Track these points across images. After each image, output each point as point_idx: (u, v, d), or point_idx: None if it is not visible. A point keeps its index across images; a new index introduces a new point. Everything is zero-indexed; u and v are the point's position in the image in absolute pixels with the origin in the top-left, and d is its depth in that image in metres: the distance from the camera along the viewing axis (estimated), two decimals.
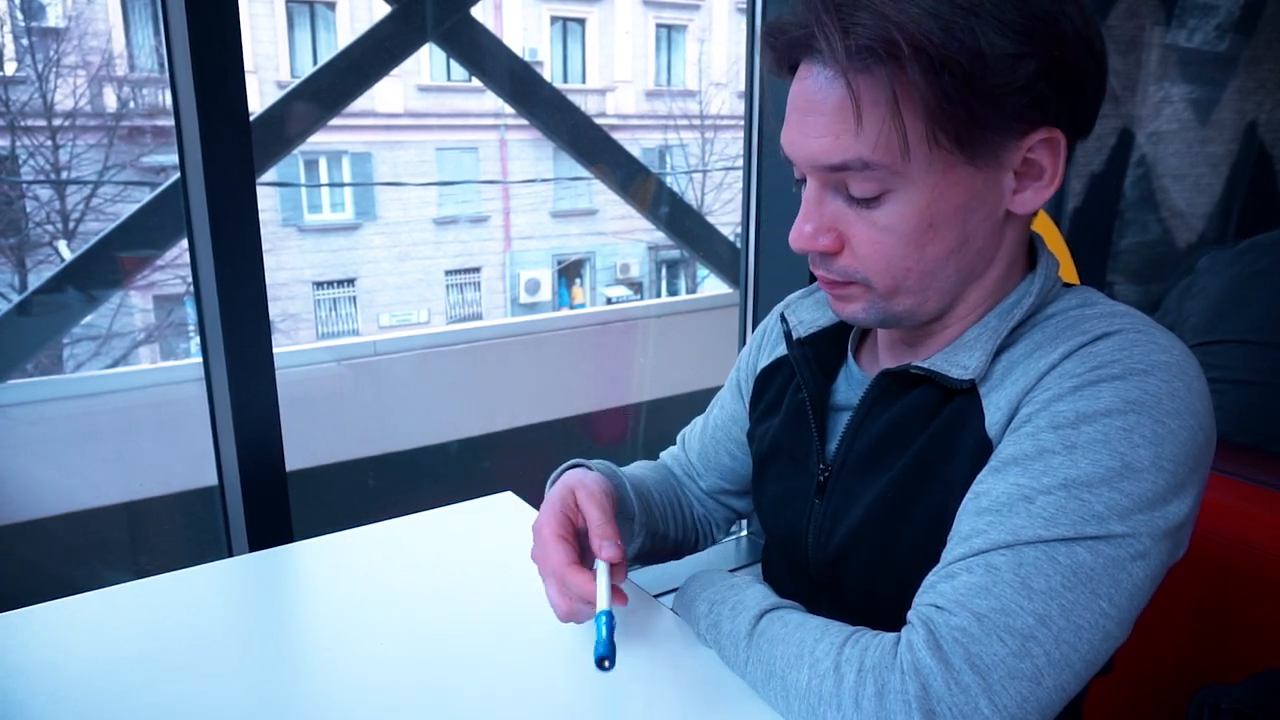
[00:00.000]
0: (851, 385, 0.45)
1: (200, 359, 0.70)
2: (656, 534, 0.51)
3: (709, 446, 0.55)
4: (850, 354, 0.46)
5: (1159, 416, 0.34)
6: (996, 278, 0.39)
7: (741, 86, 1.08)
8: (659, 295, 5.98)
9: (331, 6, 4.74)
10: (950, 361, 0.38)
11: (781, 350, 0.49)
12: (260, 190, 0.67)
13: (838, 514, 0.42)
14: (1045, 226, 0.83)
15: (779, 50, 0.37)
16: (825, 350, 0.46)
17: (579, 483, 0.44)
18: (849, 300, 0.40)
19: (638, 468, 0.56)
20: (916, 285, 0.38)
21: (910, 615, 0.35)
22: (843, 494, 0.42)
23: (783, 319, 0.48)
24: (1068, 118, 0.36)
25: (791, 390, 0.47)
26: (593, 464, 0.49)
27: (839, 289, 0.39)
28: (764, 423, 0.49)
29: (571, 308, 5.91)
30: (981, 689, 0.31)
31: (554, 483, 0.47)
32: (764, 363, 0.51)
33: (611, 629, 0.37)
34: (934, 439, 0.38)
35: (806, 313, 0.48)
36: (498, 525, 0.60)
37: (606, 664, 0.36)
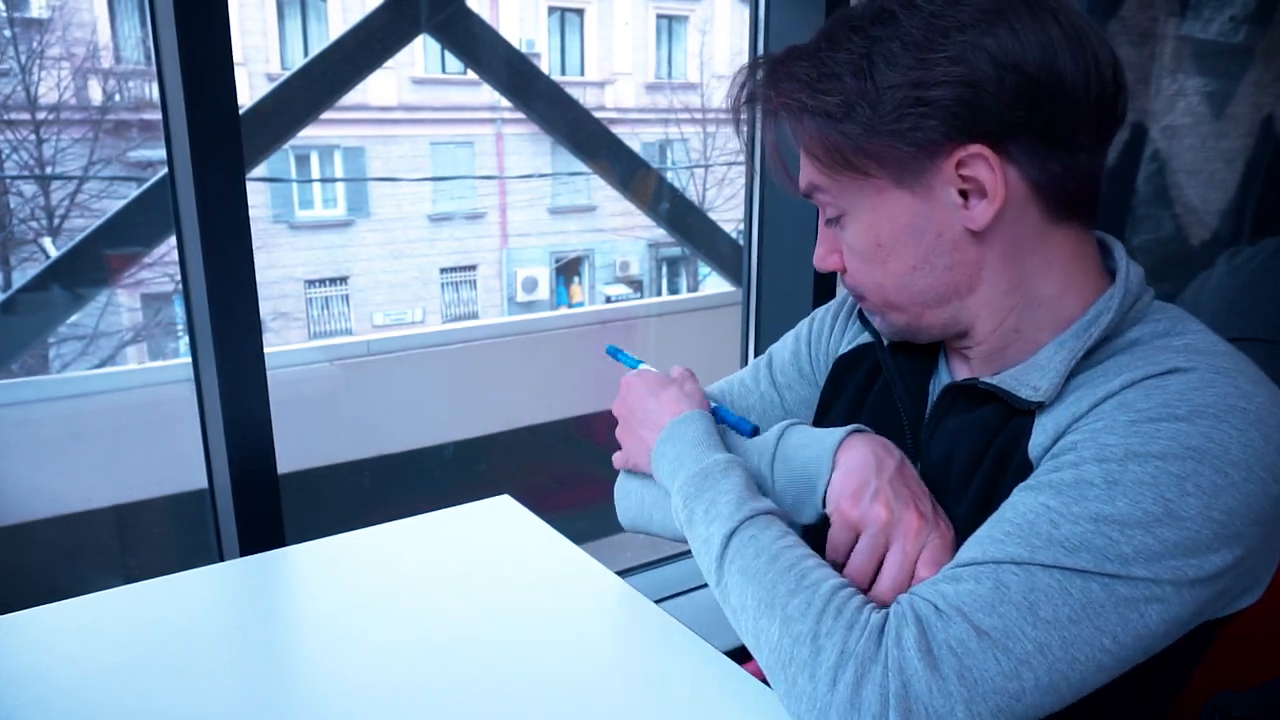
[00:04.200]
0: (939, 390, 0.44)
1: (189, 359, 0.69)
2: None
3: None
4: (943, 358, 0.45)
5: (1221, 467, 0.32)
6: (1005, 291, 0.39)
7: None
8: (659, 294, 5.97)
9: None
10: (1021, 380, 0.38)
11: (861, 340, 0.49)
12: (250, 186, 0.66)
13: None
14: None
15: None
16: (917, 352, 0.45)
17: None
18: (871, 313, 0.44)
19: None
20: (898, 301, 0.40)
21: (904, 602, 0.34)
22: None
23: (864, 319, 0.47)
24: (993, 135, 0.36)
25: (878, 390, 0.46)
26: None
27: (860, 303, 0.44)
28: (842, 416, 0.48)
29: (570, 306, 5.89)
30: (963, 698, 0.32)
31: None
32: (845, 348, 0.50)
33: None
34: (992, 465, 0.38)
35: None
36: (494, 529, 0.59)
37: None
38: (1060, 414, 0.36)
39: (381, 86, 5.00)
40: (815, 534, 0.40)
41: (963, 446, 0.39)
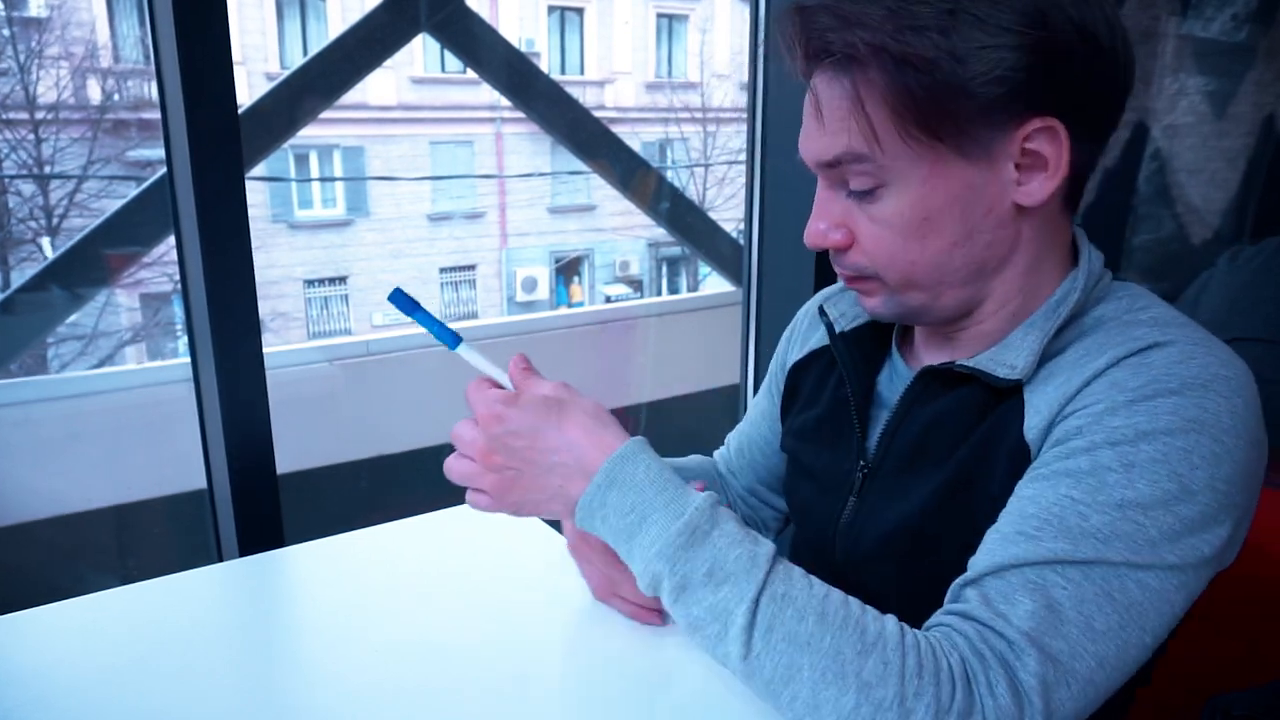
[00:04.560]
0: (895, 381, 0.44)
1: (188, 359, 0.69)
2: None
3: (744, 444, 0.55)
4: (895, 348, 0.45)
5: (1218, 435, 0.33)
6: (1023, 271, 0.38)
7: (745, 78, 1.07)
8: (659, 293, 5.97)
9: None
10: (996, 361, 0.38)
11: (815, 343, 0.49)
12: (249, 185, 0.65)
13: (871, 513, 0.42)
14: None
15: (781, 57, 0.39)
16: (868, 343, 0.45)
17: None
18: (867, 295, 0.41)
19: (687, 460, 0.56)
20: (925, 279, 0.38)
21: (973, 637, 0.32)
22: (878, 494, 0.41)
23: (822, 312, 0.47)
24: (1066, 107, 0.35)
25: (833, 384, 0.46)
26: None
27: (856, 284, 0.41)
28: (800, 416, 0.48)
29: (570, 306, 5.88)
30: None
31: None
32: (796, 356, 0.50)
33: (437, 329, 0.38)
34: (977, 444, 0.38)
35: (848, 305, 0.46)
36: (494, 529, 0.59)
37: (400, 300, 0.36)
38: (1051, 394, 0.36)
39: (381, 86, 5.00)
40: None
41: (941, 429, 0.39)
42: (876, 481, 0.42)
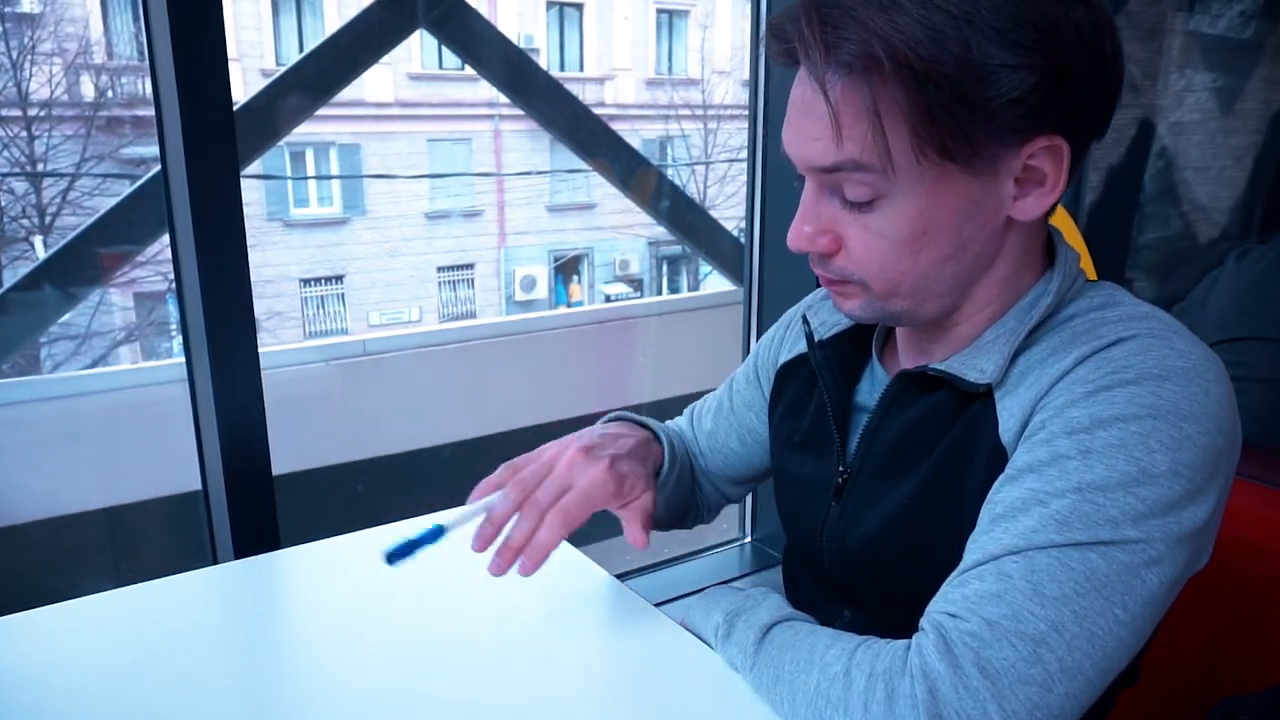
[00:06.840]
0: (875, 386, 0.45)
1: (183, 359, 0.68)
2: (672, 498, 0.51)
3: (720, 429, 0.55)
4: (875, 354, 0.46)
5: (1176, 421, 0.33)
6: (1003, 277, 0.39)
7: (746, 75, 1.06)
8: (660, 293, 5.96)
9: None
10: (967, 364, 0.38)
11: (804, 347, 0.49)
12: (244, 183, 0.65)
13: (853, 517, 0.42)
14: (1061, 221, 0.83)
15: (777, 49, 0.37)
16: (847, 351, 0.46)
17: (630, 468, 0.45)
18: (847, 297, 0.40)
19: (668, 427, 0.57)
20: (911, 288, 0.38)
21: (923, 622, 0.35)
22: (859, 497, 0.42)
23: (805, 320, 0.47)
24: (1071, 125, 0.35)
25: (816, 392, 0.47)
26: (642, 421, 0.50)
27: (836, 286, 0.40)
28: (787, 422, 0.49)
29: (569, 306, 5.88)
30: (990, 694, 0.31)
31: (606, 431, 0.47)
32: (785, 357, 0.51)
33: (425, 539, 0.41)
34: (951, 447, 0.38)
35: (828, 313, 0.47)
36: None
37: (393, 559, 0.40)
38: (1023, 395, 0.36)
39: (378, 82, 4.98)
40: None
41: (917, 432, 0.39)
42: (856, 486, 0.42)
